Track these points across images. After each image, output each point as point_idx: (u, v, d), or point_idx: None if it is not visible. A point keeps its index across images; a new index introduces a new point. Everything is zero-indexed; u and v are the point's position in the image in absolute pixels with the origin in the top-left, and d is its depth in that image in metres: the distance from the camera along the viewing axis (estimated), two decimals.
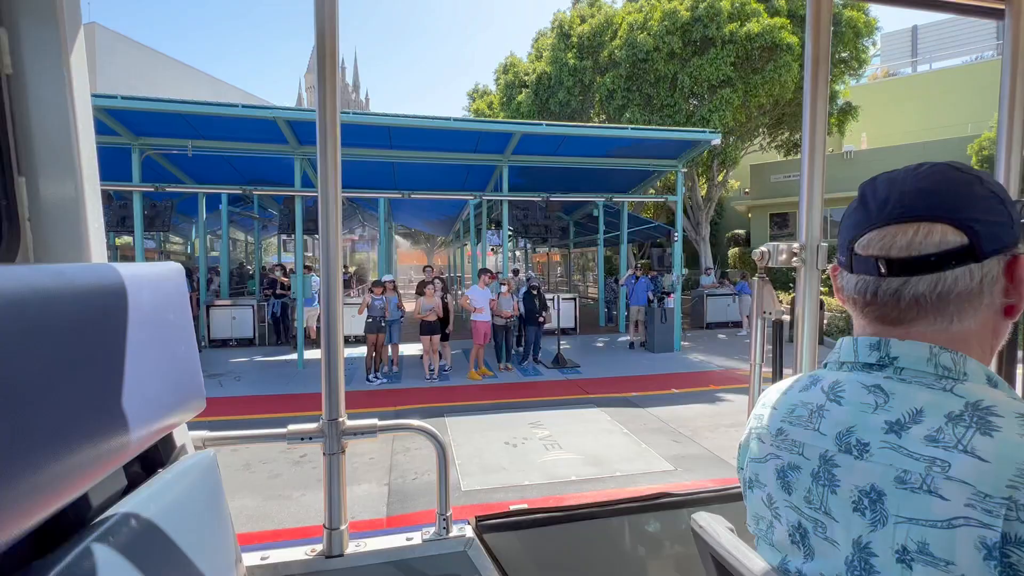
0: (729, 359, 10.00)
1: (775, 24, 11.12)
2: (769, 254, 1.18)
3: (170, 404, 0.79)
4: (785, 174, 20.53)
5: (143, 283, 0.75)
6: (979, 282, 0.53)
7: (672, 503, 1.35)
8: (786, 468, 0.62)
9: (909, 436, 0.51)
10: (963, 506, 0.45)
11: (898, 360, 0.56)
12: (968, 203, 0.54)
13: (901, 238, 0.55)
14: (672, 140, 9.73)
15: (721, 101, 11.39)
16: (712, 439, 5.55)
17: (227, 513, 0.93)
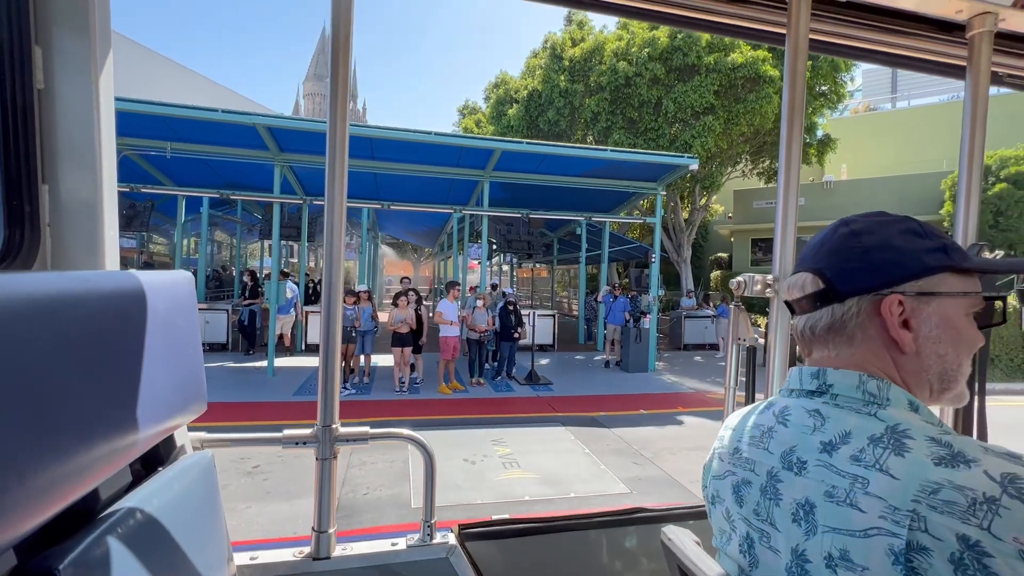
0: (702, 381, 10.06)
1: (757, 56, 11.46)
2: (745, 284, 1.25)
3: (176, 405, 0.83)
4: (767, 200, 20.93)
5: (158, 290, 0.78)
6: (840, 318, 0.63)
7: (646, 518, 1.40)
8: (740, 483, 0.68)
9: (838, 455, 0.57)
10: (877, 518, 0.50)
11: (833, 387, 0.63)
12: (832, 255, 0.64)
13: (788, 284, 0.70)
14: (650, 164, 9.90)
15: (704, 128, 11.65)
16: (672, 462, 5.56)
17: (221, 512, 0.96)
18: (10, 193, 0.85)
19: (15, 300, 0.52)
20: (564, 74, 13.09)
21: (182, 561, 0.78)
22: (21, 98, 0.84)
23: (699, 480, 1.18)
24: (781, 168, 1.28)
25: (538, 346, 13.27)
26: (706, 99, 11.56)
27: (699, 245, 28.00)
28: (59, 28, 0.86)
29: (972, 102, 1.29)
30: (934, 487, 0.49)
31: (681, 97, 11.73)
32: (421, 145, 8.91)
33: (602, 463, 5.45)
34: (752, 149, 14.60)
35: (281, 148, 8.87)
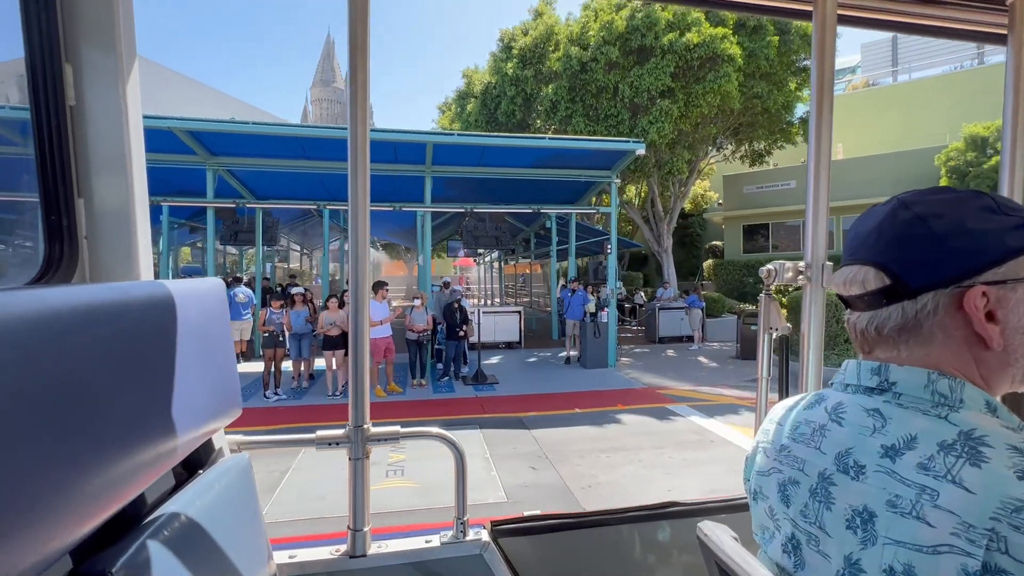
0: (662, 376, 9.63)
1: (716, 34, 10.88)
2: (776, 272, 1.21)
3: (213, 410, 0.85)
4: (757, 185, 20.18)
5: (191, 298, 0.80)
6: (913, 316, 0.56)
7: (680, 512, 1.38)
8: (787, 482, 0.64)
9: (902, 462, 0.52)
10: (948, 534, 0.47)
11: (896, 385, 0.58)
12: (895, 245, 0.57)
13: (842, 277, 0.62)
14: (595, 150, 9.50)
15: (660, 112, 11.13)
16: (574, 466, 5.22)
17: (260, 513, 0.97)
18: (48, 208, 0.88)
19: (58, 312, 0.54)
20: (512, 62, 12.69)
21: (225, 560, 0.79)
22: (55, 115, 0.87)
23: (596, 486, 1.37)
24: (811, 149, 1.23)
25: (505, 343, 13.00)
26: (662, 81, 11.04)
27: (696, 234, 27.25)
28: (87, 46, 0.89)
29: (1015, 71, 1.22)
30: (1017, 504, 0.45)
31: (637, 81, 11.24)
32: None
33: (496, 469, 5.14)
34: (725, 131, 13.99)
35: (212, 152, 8.73)
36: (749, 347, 11.10)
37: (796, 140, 15.71)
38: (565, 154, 9.73)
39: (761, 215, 20.01)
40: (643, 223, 16.28)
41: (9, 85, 0.92)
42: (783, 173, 19.86)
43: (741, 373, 9.88)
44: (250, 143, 8.62)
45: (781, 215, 19.62)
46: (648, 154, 11.87)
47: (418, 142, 8.48)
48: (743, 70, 11.72)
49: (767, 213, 19.78)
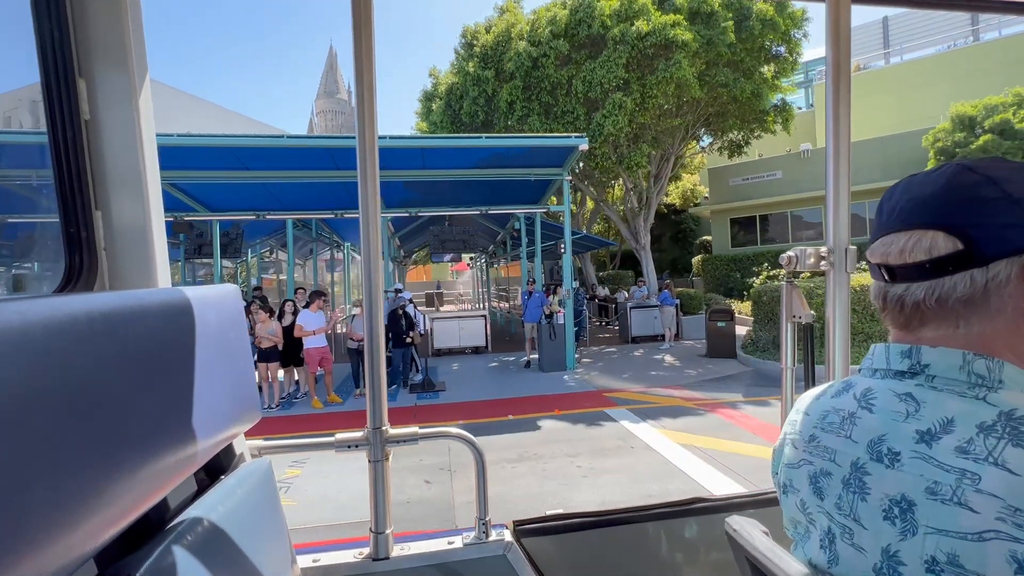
0: (618, 378, 9.29)
1: (667, 21, 10.52)
2: (797, 259, 1.19)
3: (232, 415, 0.85)
4: (743, 177, 19.64)
5: (208, 304, 0.80)
6: (983, 286, 0.52)
7: (706, 508, 1.35)
8: (818, 474, 0.62)
9: (940, 446, 0.50)
10: (993, 519, 0.45)
11: (929, 368, 0.55)
12: (967, 208, 0.53)
13: (895, 246, 0.56)
14: (537, 148, 9.24)
15: (614, 105, 10.80)
16: (473, 478, 4.95)
17: (283, 517, 0.97)
18: (68, 220, 0.90)
19: (77, 319, 0.54)
20: (474, 60, 12.48)
21: (248, 564, 0.79)
22: (71, 130, 0.89)
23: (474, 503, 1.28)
24: (829, 133, 1.22)
25: (471, 348, 12.77)
26: (615, 73, 10.72)
27: (690, 230, 26.71)
28: (100, 61, 0.92)
29: None
30: None
31: (590, 75, 10.93)
32: (286, 150, 8.57)
33: None
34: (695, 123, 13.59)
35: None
36: (716, 345, 10.69)
37: (774, 128, 15.23)
38: (510, 153, 9.49)
39: (748, 207, 19.47)
40: (620, 221, 15.91)
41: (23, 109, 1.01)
42: (768, 163, 19.31)
43: (703, 372, 9.49)
44: (193, 156, 8.56)
45: (769, 206, 19.05)
46: (608, 149, 11.55)
47: (341, 147, 8.30)
48: (701, 58, 11.34)
49: (754, 205, 19.24)
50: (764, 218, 19.55)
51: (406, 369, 9.19)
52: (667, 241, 28.29)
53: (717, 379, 8.90)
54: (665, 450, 5.54)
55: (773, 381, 8.59)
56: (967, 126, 14.19)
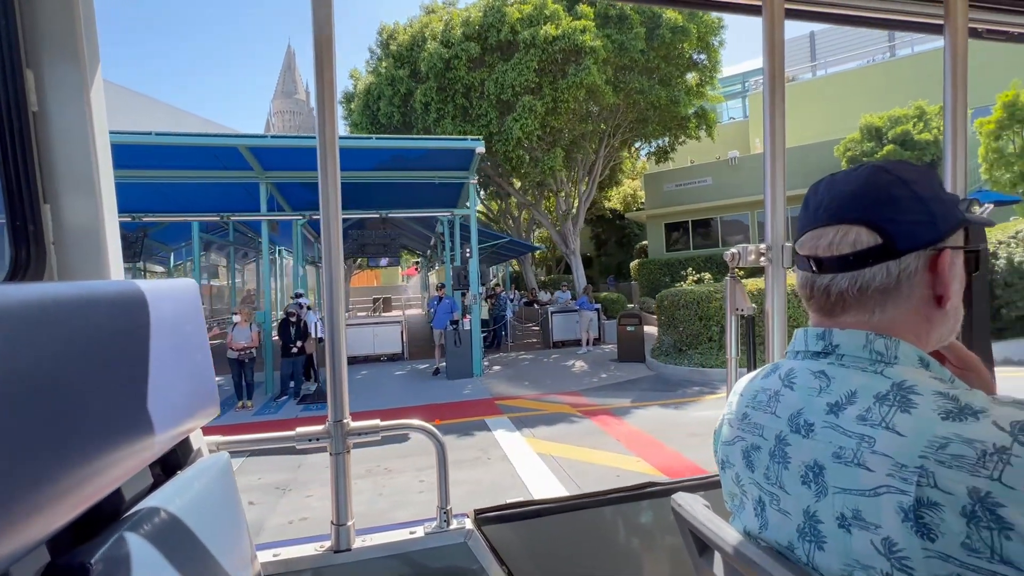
0: (519, 385, 9.15)
1: (576, 27, 10.54)
2: (739, 255, 1.27)
3: (189, 408, 0.85)
4: (676, 183, 20.01)
5: (163, 296, 0.80)
6: (896, 277, 0.58)
7: (657, 491, 1.40)
8: (749, 448, 0.68)
9: (844, 416, 0.56)
10: (885, 476, 0.50)
11: (839, 347, 0.61)
12: (883, 205, 0.58)
13: (824, 239, 0.61)
14: (437, 150, 9.05)
15: (524, 109, 10.73)
16: (303, 497, 4.67)
17: (242, 512, 0.96)
18: (14, 213, 0.89)
19: (26, 307, 0.54)
20: (388, 60, 12.21)
21: (207, 556, 0.78)
22: (18, 121, 0.88)
23: (285, 526, 1.57)
24: (767, 140, 1.28)
25: (387, 356, 12.43)
26: (526, 77, 10.65)
27: (634, 235, 27.08)
28: (48, 52, 0.90)
29: (952, 59, 1.31)
30: (942, 442, 0.48)
31: (501, 77, 10.83)
32: (175, 149, 8.06)
33: None
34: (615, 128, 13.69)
35: None
36: (626, 349, 10.72)
37: (696, 135, 15.53)
38: (412, 155, 9.26)
39: (681, 213, 19.83)
40: (551, 226, 15.89)
41: None
42: (699, 170, 19.74)
43: (608, 377, 9.46)
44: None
45: (700, 212, 19.46)
46: (521, 152, 11.47)
47: (228, 146, 7.88)
48: (613, 63, 11.41)
49: (686, 211, 19.61)
50: (696, 223, 19.96)
51: (297, 380, 8.79)
52: (613, 245, 28.59)
53: (617, 384, 8.88)
54: (520, 460, 5.39)
55: (671, 385, 8.63)
56: (875, 136, 14.84)
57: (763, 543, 0.64)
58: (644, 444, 5.73)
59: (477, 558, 1.25)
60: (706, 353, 9.46)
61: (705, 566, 0.76)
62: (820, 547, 0.56)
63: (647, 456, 5.34)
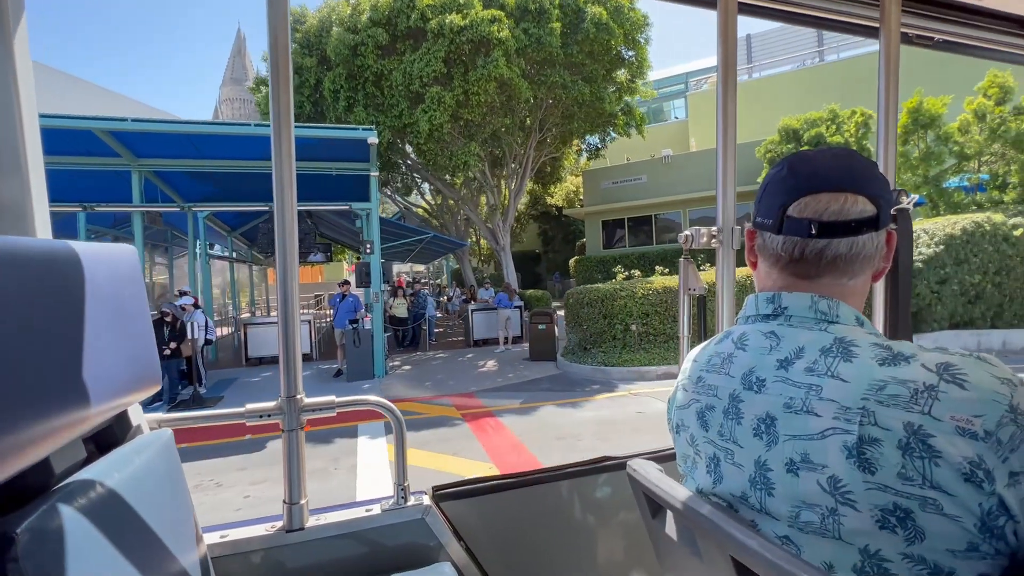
0: (419, 387, 8.82)
1: (485, 17, 10.24)
2: (692, 237, 1.33)
3: (127, 381, 0.81)
4: (613, 180, 20.09)
5: (98, 260, 0.77)
6: (875, 247, 0.66)
7: (613, 465, 1.43)
8: (704, 409, 0.72)
9: (794, 369, 0.61)
10: (831, 419, 0.55)
11: (787, 309, 0.67)
12: (875, 182, 0.65)
13: (832, 204, 0.64)
14: (328, 140, 8.59)
15: (432, 100, 10.36)
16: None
17: (186, 492, 0.94)
18: None
19: None
20: (295, 46, 11.59)
21: (148, 536, 0.75)
22: None
23: None
24: (719, 130, 1.35)
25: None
26: (433, 67, 10.28)
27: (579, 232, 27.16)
28: None
29: (885, 61, 1.39)
30: (880, 384, 0.54)
31: (409, 66, 10.42)
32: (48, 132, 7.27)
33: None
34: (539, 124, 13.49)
35: None
36: (537, 348, 10.56)
37: (624, 132, 15.52)
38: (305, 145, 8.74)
39: (617, 210, 19.93)
40: (480, 221, 15.60)
41: None
42: (634, 168, 19.88)
43: (514, 377, 9.26)
44: None
45: (635, 209, 19.61)
46: (433, 145, 11.10)
47: (81, 128, 7.18)
48: (528, 56, 11.18)
49: (622, 208, 19.72)
50: (632, 221, 20.11)
51: (172, 384, 8.18)
52: (560, 242, 28.63)
53: (517, 384, 8.69)
54: (366, 471, 5.08)
55: (571, 385, 8.50)
56: (791, 138, 15.22)
57: (715, 498, 0.69)
58: (506, 450, 5.53)
59: (435, 534, 1.24)
60: (609, 352, 9.39)
61: (658, 527, 0.80)
62: (770, 493, 0.60)
63: (502, 462, 5.13)
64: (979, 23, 1.57)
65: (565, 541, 1.41)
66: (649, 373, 8.75)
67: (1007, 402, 0.50)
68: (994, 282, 10.64)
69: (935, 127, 13.57)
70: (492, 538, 1.34)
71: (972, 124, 12.84)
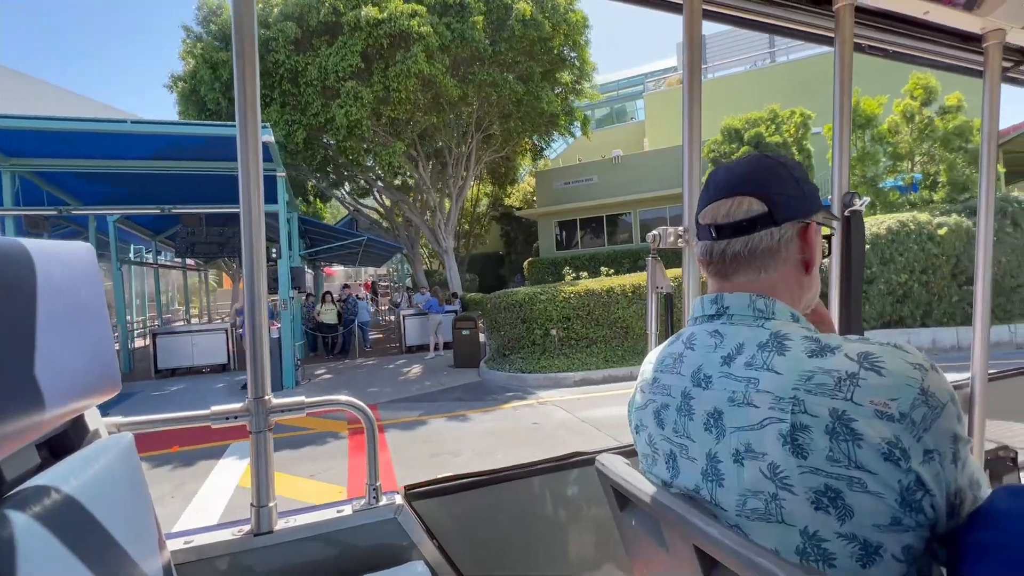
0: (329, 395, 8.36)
1: (404, 11, 9.85)
2: (659, 236, 1.34)
3: (84, 384, 0.78)
4: (565, 181, 19.87)
5: (53, 258, 0.74)
6: (777, 241, 0.70)
7: (583, 461, 1.45)
8: (660, 408, 0.76)
9: (735, 364, 0.65)
10: (767, 409, 0.59)
11: (729, 308, 0.72)
12: (769, 181, 0.71)
13: (723, 208, 0.72)
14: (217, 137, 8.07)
15: (348, 96, 9.93)
16: None
17: (148, 497, 0.90)
18: None
19: None
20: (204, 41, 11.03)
21: (107, 542, 0.72)
22: None
23: None
24: (684, 133, 1.34)
25: (208, 367, 11.30)
26: (349, 62, 9.85)
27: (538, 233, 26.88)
28: None
29: (840, 69, 1.42)
30: (809, 374, 0.58)
31: (324, 62, 9.97)
32: None
33: None
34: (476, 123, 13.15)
35: None
36: (461, 354, 10.19)
37: (566, 132, 15.27)
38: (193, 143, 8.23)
39: (568, 211, 19.71)
40: (422, 222, 15.18)
41: None
42: (585, 169, 19.70)
43: (432, 385, 8.86)
44: None
45: (586, 210, 19.41)
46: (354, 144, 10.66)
47: None
48: (454, 53, 10.82)
49: (574, 209, 19.50)
50: (583, 222, 19.91)
51: None
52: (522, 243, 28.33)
53: (428, 394, 8.30)
54: (208, 499, 4.63)
55: (483, 394, 8.15)
56: (735, 138, 15.18)
57: (674, 491, 0.72)
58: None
59: (407, 533, 1.23)
60: (528, 358, 9.07)
61: (625, 519, 0.84)
62: (720, 484, 0.64)
63: (357, 486, 4.73)
64: (926, 36, 1.65)
65: (537, 536, 1.42)
66: (566, 380, 8.45)
67: (918, 385, 0.55)
68: (921, 281, 10.65)
69: (871, 127, 13.67)
70: (465, 536, 1.34)
71: (901, 125, 12.93)
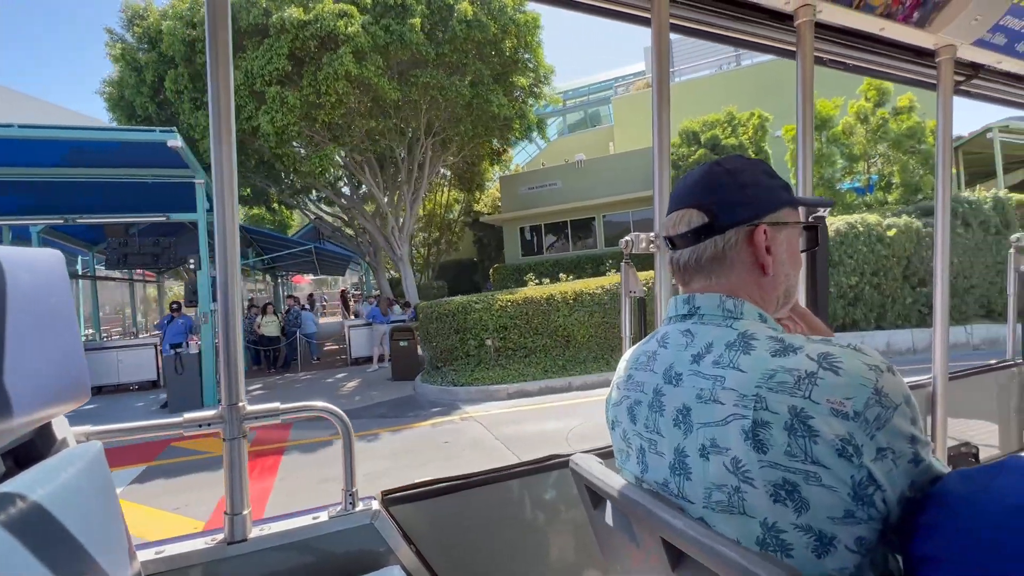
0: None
1: (332, 11, 9.49)
2: (632, 242, 1.37)
3: (51, 391, 0.78)
4: (529, 186, 19.59)
5: (21, 264, 0.75)
6: (722, 249, 0.73)
7: (559, 463, 1.46)
8: (633, 405, 0.79)
9: (704, 363, 0.68)
10: (732, 406, 0.62)
11: (700, 308, 0.75)
12: (710, 192, 0.74)
13: (672, 220, 0.78)
14: (131, 143, 7.63)
15: (274, 100, 9.53)
16: None
17: (118, 506, 0.90)
18: None
19: None
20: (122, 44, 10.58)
21: (75, 552, 0.71)
22: None
23: None
24: (654, 136, 1.37)
25: (137, 384, 10.76)
26: (276, 64, 9.47)
27: None
28: None
29: (802, 81, 1.49)
30: (771, 373, 0.61)
31: (250, 64, 9.58)
32: None
33: None
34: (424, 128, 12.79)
35: None
36: (399, 366, 9.78)
37: (526, 137, 14.97)
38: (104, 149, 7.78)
39: (533, 216, 19.41)
40: (376, 230, 14.77)
41: None
42: (550, 173, 19.45)
43: (361, 400, 8.43)
44: None
45: (550, 215, 19.12)
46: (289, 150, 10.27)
47: None
48: (393, 56, 10.47)
49: (538, 214, 19.21)
50: (548, 227, 19.62)
51: None
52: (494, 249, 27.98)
53: (353, 411, 7.83)
54: None
55: (409, 409, 7.74)
56: (693, 140, 15.00)
57: (645, 485, 0.76)
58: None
59: (385, 539, 1.22)
60: (460, 370, 8.68)
61: (599, 518, 0.87)
62: (687, 478, 0.67)
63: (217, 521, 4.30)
64: (883, 51, 1.73)
65: (514, 539, 1.42)
66: (499, 392, 8.06)
67: (872, 386, 0.57)
68: (872, 283, 10.45)
69: (826, 128, 13.55)
70: (442, 540, 1.32)
71: (855, 126, 12.82)
